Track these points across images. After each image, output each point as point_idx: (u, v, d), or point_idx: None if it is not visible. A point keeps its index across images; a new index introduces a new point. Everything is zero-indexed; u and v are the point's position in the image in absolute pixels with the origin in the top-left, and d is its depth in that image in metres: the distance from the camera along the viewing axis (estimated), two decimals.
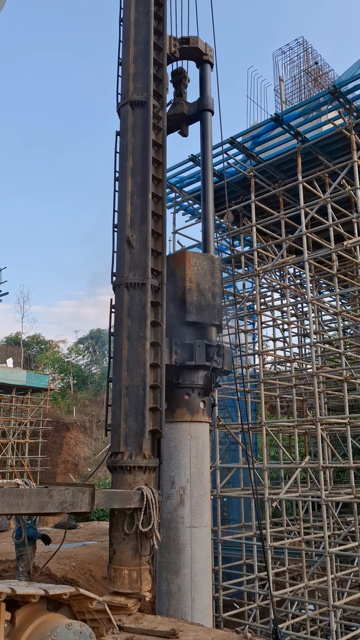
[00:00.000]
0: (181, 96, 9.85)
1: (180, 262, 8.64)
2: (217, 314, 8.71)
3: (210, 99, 9.57)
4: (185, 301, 8.43)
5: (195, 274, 8.61)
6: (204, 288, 8.66)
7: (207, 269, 8.76)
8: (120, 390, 6.95)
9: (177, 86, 9.92)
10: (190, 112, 9.70)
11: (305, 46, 18.92)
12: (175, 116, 9.70)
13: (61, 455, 38.49)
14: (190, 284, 8.52)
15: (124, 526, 6.46)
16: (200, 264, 8.72)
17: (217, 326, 8.79)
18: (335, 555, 12.76)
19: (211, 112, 9.60)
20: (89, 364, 53.82)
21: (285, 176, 14.19)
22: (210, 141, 9.57)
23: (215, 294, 8.73)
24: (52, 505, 5.56)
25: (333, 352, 15.45)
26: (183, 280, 8.52)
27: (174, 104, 9.83)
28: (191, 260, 8.61)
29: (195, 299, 8.52)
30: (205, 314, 8.55)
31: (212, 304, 8.65)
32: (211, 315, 8.61)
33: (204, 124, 9.54)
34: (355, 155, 11.45)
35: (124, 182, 7.62)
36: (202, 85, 9.82)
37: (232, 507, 17.51)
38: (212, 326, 8.72)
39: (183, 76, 9.89)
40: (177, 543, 8.01)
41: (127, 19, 8.16)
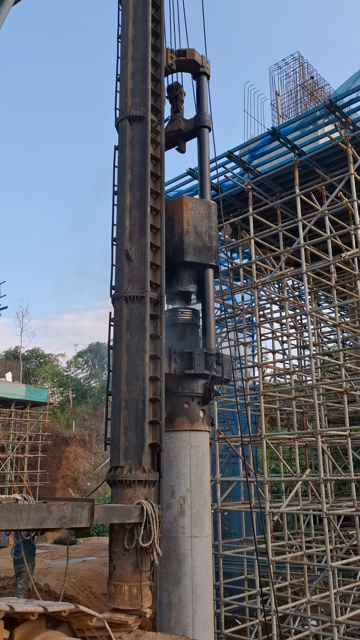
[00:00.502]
0: (178, 112, 9.93)
1: (178, 206, 8.91)
2: (214, 255, 8.97)
3: (207, 116, 9.65)
4: (183, 242, 8.66)
5: (192, 217, 8.87)
6: (201, 231, 8.91)
7: (204, 213, 9.04)
8: (120, 404, 6.92)
9: (173, 102, 10.01)
10: (188, 129, 9.78)
11: (301, 61, 19.14)
12: (173, 133, 9.78)
13: (60, 470, 38.23)
14: (187, 227, 8.78)
15: (124, 541, 6.40)
16: (197, 208, 8.99)
17: (213, 267, 9.04)
18: (337, 569, 12.64)
19: (208, 128, 9.69)
20: (88, 378, 53.70)
21: (282, 189, 14.28)
22: (207, 157, 9.65)
23: (212, 237, 9.01)
24: (51, 520, 5.51)
25: (333, 364, 15.43)
26: (181, 223, 8.78)
27: (171, 120, 9.90)
28: (188, 205, 8.89)
29: (193, 240, 8.78)
30: (202, 254, 8.81)
31: (208, 245, 8.92)
32: (208, 256, 8.86)
33: (201, 140, 9.62)
34: (352, 168, 11.53)
35: (122, 195, 7.67)
36: (199, 97, 9.91)
37: (233, 521, 17.36)
38: (209, 267, 8.95)
39: (179, 92, 9.97)
40: (177, 553, 7.93)
41: (125, 36, 8.26)
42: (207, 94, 9.90)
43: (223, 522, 15.40)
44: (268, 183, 14.04)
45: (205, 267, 8.93)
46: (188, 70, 10.01)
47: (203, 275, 8.95)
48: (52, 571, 14.87)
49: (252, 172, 13.65)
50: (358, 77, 12.57)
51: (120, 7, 8.62)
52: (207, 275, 8.97)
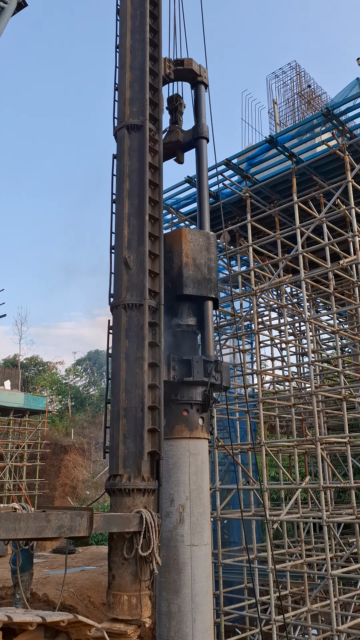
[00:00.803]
0: (176, 124, 9.97)
1: (177, 238, 8.84)
2: (213, 287, 8.88)
3: (205, 127, 9.69)
4: (182, 275, 8.58)
5: (191, 250, 8.79)
6: (200, 263, 8.82)
7: (203, 244, 8.96)
8: (119, 412, 6.91)
9: (172, 114, 10.05)
10: (186, 140, 9.81)
11: (298, 70, 19.29)
12: (171, 144, 9.82)
13: (59, 479, 38.09)
14: (186, 259, 8.69)
15: (123, 550, 6.36)
16: (196, 239, 8.92)
17: (213, 300, 8.94)
18: (337, 577, 12.57)
19: (206, 139, 9.72)
20: (87, 386, 53.61)
21: (280, 196, 14.34)
22: (205, 168, 9.68)
23: (211, 269, 8.92)
24: (50, 529, 5.48)
25: (331, 371, 15.43)
26: (180, 255, 8.70)
27: (170, 131, 9.94)
28: (187, 237, 8.82)
29: (192, 273, 8.68)
30: (202, 287, 8.72)
31: (208, 277, 8.83)
32: (207, 288, 8.77)
33: (199, 151, 9.65)
34: (349, 176, 11.59)
35: (120, 204, 7.69)
36: (197, 107, 9.96)
37: (232, 530, 17.29)
38: (209, 299, 8.86)
39: (179, 103, 10.02)
40: (177, 562, 7.88)
41: (123, 46, 8.31)
42: (205, 103, 9.94)
43: (223, 530, 15.33)
44: (266, 191, 14.11)
45: (204, 300, 8.82)
46: (186, 79, 10.06)
47: (202, 307, 8.83)
48: (51, 580, 14.78)
49: (250, 180, 13.72)
50: (354, 85, 12.66)
51: (118, 17, 8.68)
52: (206, 308, 8.84)
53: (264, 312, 16.83)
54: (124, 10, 8.39)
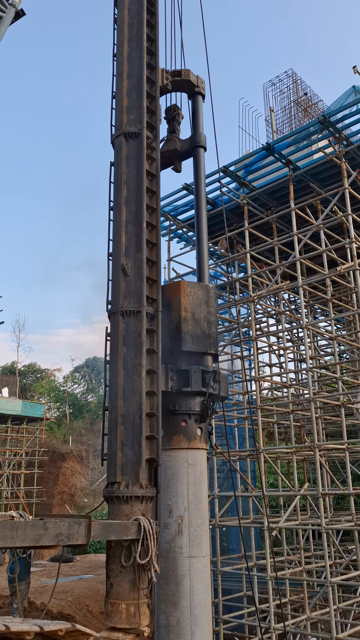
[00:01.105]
0: (174, 133, 10.02)
1: (175, 291, 8.65)
2: (213, 342, 8.69)
3: (202, 136, 9.73)
4: (180, 330, 8.40)
5: (190, 303, 8.60)
6: (199, 317, 8.64)
7: (202, 298, 8.76)
8: (117, 419, 6.90)
9: (170, 123, 10.10)
10: (183, 149, 9.85)
11: (295, 78, 19.40)
12: (169, 153, 9.85)
13: (57, 486, 37.91)
14: (185, 313, 8.50)
15: (121, 558, 6.33)
16: (195, 293, 8.72)
17: (213, 355, 8.77)
18: (337, 585, 12.52)
19: (204, 148, 9.75)
20: (85, 393, 53.51)
21: (278, 203, 14.39)
22: (203, 176, 9.70)
23: (211, 323, 8.73)
24: (48, 537, 5.46)
25: (330, 377, 15.43)
26: (178, 309, 8.51)
27: (167, 140, 9.98)
28: (186, 290, 8.62)
29: (191, 328, 8.50)
30: (201, 343, 8.53)
31: (207, 332, 8.64)
32: (207, 344, 8.60)
33: (197, 160, 9.68)
34: (346, 182, 11.65)
35: (118, 211, 7.71)
36: (194, 116, 10.02)
37: (231, 537, 17.22)
38: (208, 355, 8.69)
39: (177, 113, 10.08)
40: (175, 574, 7.83)
41: (121, 54, 8.36)
42: (202, 114, 10.00)
43: (221, 538, 15.26)
44: (263, 197, 14.16)
45: (204, 355, 8.63)
46: (183, 90, 10.12)
47: (202, 362, 8.62)
48: (49, 589, 14.70)
49: (247, 187, 13.77)
50: (351, 93, 12.76)
51: (115, 26, 8.74)
52: (205, 362, 8.64)
53: (262, 318, 16.85)
54: (122, 19, 8.45)
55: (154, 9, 8.71)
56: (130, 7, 8.45)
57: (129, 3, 8.45)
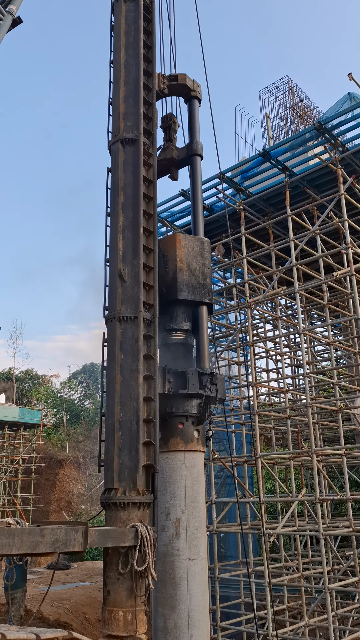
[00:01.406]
0: (171, 141, 10.04)
1: (171, 243, 8.86)
2: (208, 292, 8.89)
3: (199, 144, 9.76)
4: (176, 280, 8.58)
5: (185, 255, 8.81)
6: (194, 268, 8.83)
7: (197, 250, 8.98)
8: (114, 425, 6.88)
9: (166, 132, 10.12)
10: (180, 157, 9.89)
11: (291, 85, 19.52)
12: (166, 161, 9.88)
13: (54, 493, 37.78)
14: (181, 264, 8.70)
15: (118, 565, 6.31)
16: (190, 245, 8.93)
17: (207, 305, 8.96)
18: (335, 591, 12.46)
19: (200, 156, 9.79)
20: (83, 399, 53.40)
21: (274, 209, 14.44)
22: (199, 184, 9.73)
23: (205, 274, 8.93)
24: (45, 545, 5.43)
25: (327, 382, 15.43)
26: (174, 260, 8.70)
27: (164, 149, 10.00)
28: (181, 242, 8.83)
29: (186, 278, 8.69)
30: (196, 292, 8.73)
31: (202, 283, 8.84)
32: (202, 293, 8.78)
33: (193, 168, 9.72)
34: (342, 188, 11.70)
35: (115, 217, 7.72)
36: (190, 120, 10.06)
37: (229, 543, 17.16)
38: (203, 304, 8.88)
39: (173, 122, 10.10)
40: (173, 577, 7.80)
41: (117, 61, 8.40)
42: (198, 118, 10.02)
43: (219, 544, 15.20)
44: (260, 203, 14.21)
45: (199, 305, 8.86)
46: (180, 94, 10.17)
47: (197, 312, 8.86)
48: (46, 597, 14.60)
49: (243, 193, 13.82)
50: (346, 100, 12.84)
51: (112, 33, 8.78)
52: (200, 313, 8.87)
53: (259, 324, 16.86)
54: (118, 26, 8.50)
55: (151, 16, 8.76)
56: (127, 15, 8.49)
57: (125, 10, 8.50)
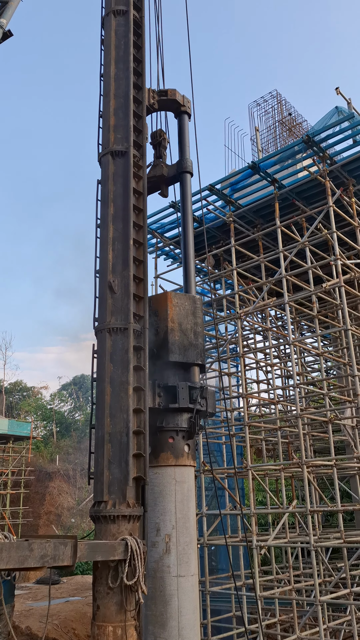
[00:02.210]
0: (161, 158, 10.10)
1: (162, 302, 8.71)
2: (200, 353, 8.71)
3: (189, 162, 9.82)
4: (167, 341, 8.43)
5: (177, 314, 8.66)
6: (186, 328, 8.68)
7: (189, 309, 8.83)
8: (103, 437, 6.84)
9: (156, 148, 10.17)
10: (170, 174, 9.93)
11: (279, 98, 19.74)
12: (156, 178, 9.93)
13: (44, 506, 37.36)
14: (172, 324, 8.55)
15: (108, 580, 6.24)
16: (182, 304, 8.80)
17: (200, 366, 8.79)
18: (326, 603, 12.40)
19: (190, 174, 9.84)
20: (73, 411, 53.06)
21: (263, 221, 14.54)
22: (189, 201, 9.74)
23: (198, 334, 8.78)
24: (33, 559, 5.36)
25: (317, 393, 15.46)
26: (165, 320, 8.55)
27: (154, 165, 10.05)
28: (173, 301, 8.69)
29: (178, 338, 8.53)
30: (188, 353, 8.56)
31: (194, 343, 8.68)
32: (194, 354, 8.62)
33: (183, 185, 9.75)
34: (330, 200, 11.81)
35: (105, 228, 7.74)
36: (180, 135, 10.13)
37: (220, 556, 17.04)
38: (195, 366, 8.71)
39: (163, 139, 10.17)
40: (163, 594, 7.71)
41: (108, 75, 8.47)
42: (188, 133, 10.10)
43: (210, 557, 15.09)
44: (249, 215, 14.30)
45: (190, 366, 8.65)
46: (170, 109, 10.25)
47: (189, 373, 8.63)
48: (34, 613, 14.39)
49: (233, 205, 13.91)
50: (334, 113, 13.00)
51: (102, 47, 8.85)
52: (192, 374, 8.66)
53: (249, 335, 16.90)
54: (109, 40, 8.57)
55: (141, 31, 8.85)
56: (117, 29, 8.58)
57: (115, 25, 8.59)
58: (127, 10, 8.61)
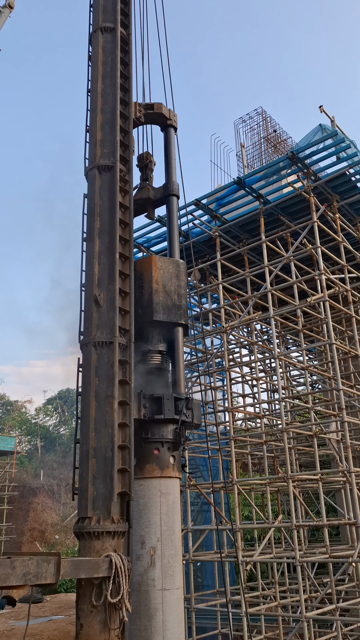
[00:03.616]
0: (147, 180, 10.17)
1: (147, 266, 8.92)
2: (183, 313, 8.93)
3: (175, 185, 9.91)
4: (152, 301, 8.61)
5: (161, 276, 8.87)
6: (170, 289, 8.89)
7: (173, 271, 9.06)
8: (88, 452, 6.78)
9: (143, 171, 10.25)
10: (156, 197, 10.01)
11: (264, 115, 20.02)
12: (142, 200, 10.01)
13: (27, 523, 36.79)
14: (157, 286, 8.76)
15: (91, 597, 6.14)
16: (166, 267, 9.01)
17: (183, 326, 8.97)
18: (312, 619, 12.32)
19: (177, 197, 9.94)
20: (58, 425, 52.55)
21: (249, 236, 14.66)
22: (176, 224, 9.80)
23: (181, 295, 8.99)
24: (15, 577, 5.27)
25: (302, 407, 15.51)
26: (150, 282, 8.76)
27: (140, 188, 10.12)
28: (157, 264, 8.91)
29: (162, 299, 8.73)
30: (172, 313, 8.77)
31: (178, 304, 8.88)
32: (177, 314, 8.82)
33: (170, 208, 9.84)
34: (314, 216, 11.96)
35: (91, 242, 7.75)
36: (166, 149, 10.21)
37: (205, 572, 16.88)
38: (179, 326, 8.89)
39: (149, 161, 10.26)
40: (147, 608, 7.61)
41: (95, 90, 8.54)
42: (175, 146, 10.19)
43: (195, 573, 14.95)
44: (235, 230, 14.41)
45: (174, 326, 8.90)
46: (156, 123, 10.35)
47: (172, 333, 8.90)
48: (17, 632, 14.12)
49: (219, 220, 14.01)
50: (318, 131, 13.20)
51: (89, 63, 8.94)
52: (176, 334, 8.90)
53: (235, 349, 16.93)
54: (96, 56, 8.66)
55: (128, 47, 8.96)
56: (104, 46, 8.67)
57: (103, 42, 8.69)
58: (114, 28, 8.71)
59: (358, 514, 10.28)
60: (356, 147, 12.55)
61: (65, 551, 30.82)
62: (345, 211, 13.82)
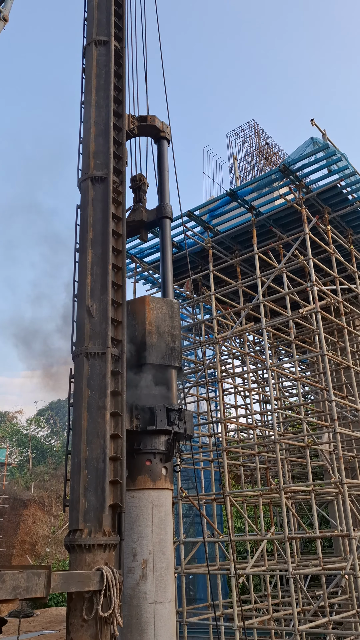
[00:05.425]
0: (140, 202, 10.18)
1: (140, 306, 8.81)
2: (177, 355, 8.80)
3: (169, 207, 9.93)
4: (145, 344, 8.49)
5: (155, 318, 8.75)
6: (163, 331, 8.77)
7: (167, 312, 8.93)
8: (80, 463, 6.73)
9: (136, 193, 10.26)
10: (150, 219, 10.01)
11: (257, 128, 20.22)
12: (135, 223, 10.01)
13: (18, 535, 36.32)
14: (150, 327, 8.63)
15: (82, 611, 6.06)
16: (160, 307, 8.88)
17: (177, 368, 8.84)
18: (305, 633, 12.23)
19: (170, 219, 9.96)
20: (49, 436, 52.17)
21: (241, 247, 14.74)
22: (169, 245, 9.77)
23: (175, 337, 8.87)
24: (4, 591, 5.20)
25: (294, 418, 15.50)
26: (143, 323, 8.63)
27: (134, 210, 10.13)
28: (151, 304, 8.79)
29: (155, 341, 8.60)
30: (165, 356, 8.64)
31: (171, 346, 8.77)
32: (171, 357, 8.70)
33: (163, 230, 9.84)
34: (306, 228, 12.04)
35: (84, 253, 7.75)
36: (159, 161, 10.26)
37: (198, 585, 16.74)
38: (173, 368, 8.76)
39: (142, 183, 10.27)
40: (139, 622, 7.51)
41: (88, 102, 8.59)
42: (168, 158, 10.24)
43: (188, 586, 14.82)
44: (227, 241, 14.49)
45: (169, 368, 8.71)
46: (150, 134, 10.42)
47: (166, 376, 8.69)
48: None
49: (212, 231, 14.09)
50: (309, 144, 13.33)
51: (83, 75, 9.00)
52: (170, 377, 8.72)
53: (227, 360, 16.94)
54: (90, 69, 8.72)
55: (121, 60, 9.03)
56: (98, 58, 8.74)
57: (97, 54, 8.75)
58: (108, 41, 8.78)
59: (351, 525, 10.26)
60: (347, 160, 12.69)
61: (56, 564, 30.48)
62: (336, 223, 13.94)
